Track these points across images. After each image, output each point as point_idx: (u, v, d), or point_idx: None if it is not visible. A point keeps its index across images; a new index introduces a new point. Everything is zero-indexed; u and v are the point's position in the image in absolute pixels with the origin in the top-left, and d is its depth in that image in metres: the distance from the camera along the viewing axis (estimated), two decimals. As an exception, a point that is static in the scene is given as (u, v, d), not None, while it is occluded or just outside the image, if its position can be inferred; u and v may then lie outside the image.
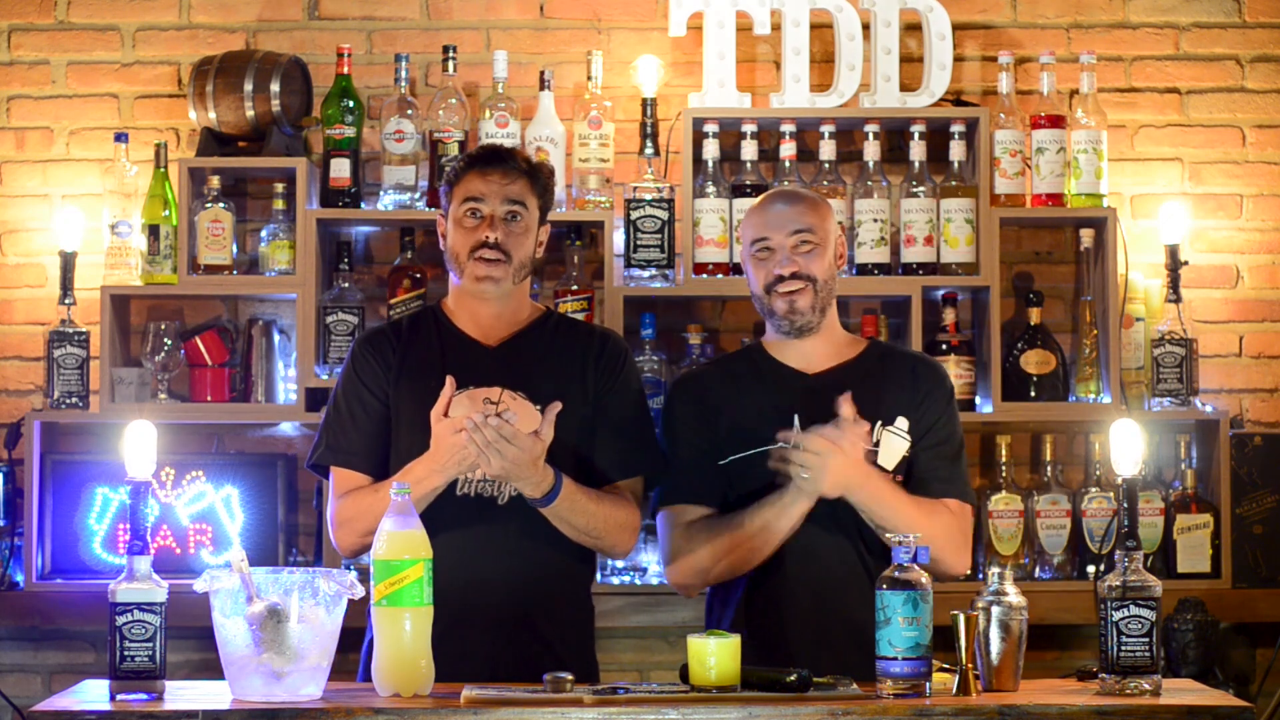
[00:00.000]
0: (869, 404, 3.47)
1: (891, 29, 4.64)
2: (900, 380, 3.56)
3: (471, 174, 3.50)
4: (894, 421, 3.49)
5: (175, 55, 4.79)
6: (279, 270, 4.59)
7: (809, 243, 3.51)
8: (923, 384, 3.56)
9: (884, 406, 3.50)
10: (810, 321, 3.52)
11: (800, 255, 3.50)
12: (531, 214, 3.50)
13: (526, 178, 3.51)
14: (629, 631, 4.61)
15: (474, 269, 3.47)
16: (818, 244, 3.51)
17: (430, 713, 2.94)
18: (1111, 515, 4.57)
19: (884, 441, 3.47)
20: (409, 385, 3.49)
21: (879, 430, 3.47)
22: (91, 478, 4.54)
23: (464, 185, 3.49)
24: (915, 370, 3.60)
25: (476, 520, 3.44)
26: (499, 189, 3.48)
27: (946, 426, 3.55)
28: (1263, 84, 4.86)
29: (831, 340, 3.59)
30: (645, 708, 2.94)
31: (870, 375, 3.56)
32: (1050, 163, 4.62)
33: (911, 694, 3.00)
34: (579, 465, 3.52)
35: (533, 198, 3.51)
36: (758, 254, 3.53)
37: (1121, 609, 3.06)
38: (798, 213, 3.53)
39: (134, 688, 3.00)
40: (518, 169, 3.51)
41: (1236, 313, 4.84)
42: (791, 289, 3.49)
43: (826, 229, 3.54)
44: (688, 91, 4.68)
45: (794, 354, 3.57)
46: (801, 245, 3.50)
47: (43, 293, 4.73)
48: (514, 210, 3.48)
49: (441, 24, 4.81)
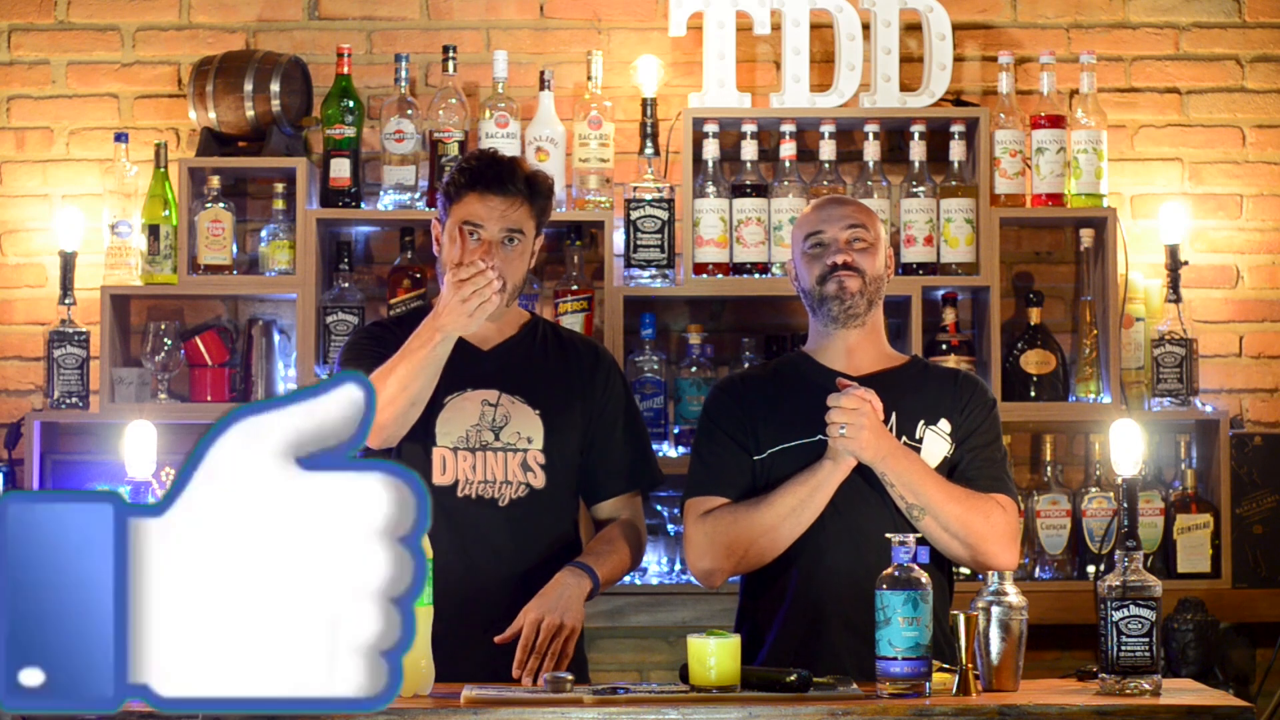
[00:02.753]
0: (913, 406, 3.48)
1: (891, 29, 4.64)
2: (943, 388, 3.56)
3: (472, 195, 3.44)
4: (937, 422, 3.49)
5: (175, 55, 4.79)
6: (279, 270, 4.59)
7: (862, 240, 3.51)
8: (965, 392, 3.55)
9: (928, 409, 3.50)
10: (858, 308, 3.49)
11: (854, 250, 3.50)
12: (528, 238, 3.49)
13: (527, 203, 3.47)
14: (629, 631, 4.61)
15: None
16: (871, 243, 3.52)
17: (430, 713, 2.94)
18: (1111, 515, 4.57)
19: (926, 440, 3.46)
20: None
21: (922, 428, 3.47)
22: (91, 478, 4.54)
23: (464, 205, 3.45)
24: (958, 381, 3.60)
25: (477, 521, 3.45)
26: (499, 215, 3.44)
27: (990, 432, 3.54)
28: (1263, 84, 4.86)
29: (876, 345, 3.56)
30: (645, 708, 2.94)
31: (914, 380, 3.55)
32: (1050, 163, 4.62)
33: (911, 694, 3.00)
34: (579, 479, 3.55)
35: (530, 221, 3.48)
36: (810, 249, 3.51)
37: (1121, 609, 3.06)
38: (851, 211, 3.56)
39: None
40: (518, 193, 3.45)
41: (1236, 313, 4.84)
42: (843, 275, 3.48)
43: (878, 232, 3.56)
44: (688, 91, 4.68)
45: (839, 357, 3.55)
46: (855, 241, 3.50)
47: (43, 293, 4.73)
48: (512, 235, 3.47)
49: (441, 24, 4.81)
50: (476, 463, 3.46)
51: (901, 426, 3.47)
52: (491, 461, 3.47)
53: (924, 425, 3.47)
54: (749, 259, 4.59)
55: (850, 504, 3.42)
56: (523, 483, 3.47)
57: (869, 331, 3.54)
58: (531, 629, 3.24)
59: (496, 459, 3.47)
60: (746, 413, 3.52)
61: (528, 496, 3.47)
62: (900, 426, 3.47)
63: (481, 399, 3.48)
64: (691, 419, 4.54)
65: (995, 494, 3.45)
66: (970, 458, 3.49)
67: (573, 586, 3.33)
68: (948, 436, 3.49)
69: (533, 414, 3.49)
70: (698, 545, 3.44)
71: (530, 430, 3.48)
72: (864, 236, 3.51)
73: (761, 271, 4.60)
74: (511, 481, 3.47)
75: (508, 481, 3.46)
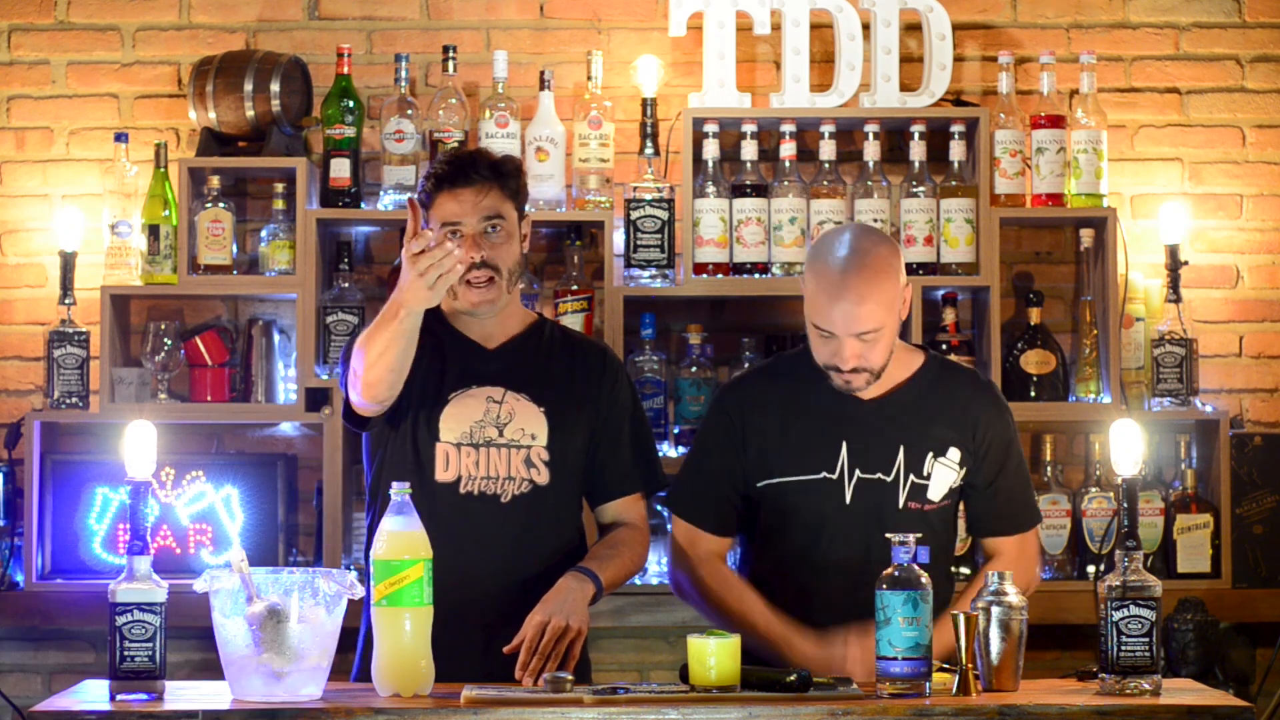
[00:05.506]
0: (920, 437, 3.48)
1: (891, 29, 4.64)
2: (954, 411, 3.52)
3: (443, 195, 3.44)
4: (946, 453, 3.49)
5: (175, 55, 4.79)
6: (279, 270, 4.59)
7: (873, 335, 3.40)
8: (979, 414, 3.52)
9: (936, 439, 3.49)
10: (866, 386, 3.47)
11: (863, 344, 3.40)
12: (510, 220, 3.47)
13: (497, 186, 3.46)
14: (629, 631, 4.61)
15: (467, 295, 3.45)
16: (880, 337, 3.41)
17: (430, 713, 2.94)
18: (1111, 515, 4.57)
19: (935, 473, 3.48)
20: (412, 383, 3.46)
21: (930, 462, 3.48)
22: (91, 478, 4.54)
23: (439, 208, 3.44)
24: (971, 402, 3.54)
25: (479, 518, 3.44)
26: (473, 205, 3.43)
27: (1014, 458, 3.54)
28: (1263, 84, 4.86)
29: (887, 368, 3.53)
30: (645, 708, 2.94)
31: (925, 398, 3.52)
32: (1050, 163, 4.62)
33: (911, 694, 3.00)
34: (584, 480, 3.55)
35: (507, 203, 3.47)
36: (819, 331, 3.43)
37: (1121, 609, 3.06)
38: (863, 316, 3.38)
39: (134, 688, 3.00)
40: (486, 179, 3.45)
41: (1236, 313, 4.84)
42: (850, 377, 3.43)
43: (891, 321, 3.42)
44: (688, 91, 4.68)
45: None
46: (865, 335, 3.40)
47: (43, 293, 4.73)
48: (493, 222, 3.46)
49: (441, 24, 4.81)
50: (480, 459, 3.46)
51: (910, 463, 3.48)
52: (495, 458, 3.46)
53: (932, 458, 3.49)
54: (749, 259, 4.59)
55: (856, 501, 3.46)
56: (526, 479, 3.47)
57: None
58: (536, 630, 3.24)
59: (500, 455, 3.47)
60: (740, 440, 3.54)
61: (531, 493, 3.47)
62: (909, 463, 3.48)
63: (486, 395, 3.48)
64: (692, 419, 4.54)
65: (1023, 534, 3.56)
66: (1003, 498, 3.53)
67: (576, 591, 3.33)
68: (956, 465, 3.50)
69: (537, 411, 3.48)
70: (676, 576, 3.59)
71: (535, 427, 3.48)
72: (873, 336, 3.40)
73: (761, 271, 4.60)
74: (515, 478, 3.47)
75: (510, 478, 3.46)
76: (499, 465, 3.46)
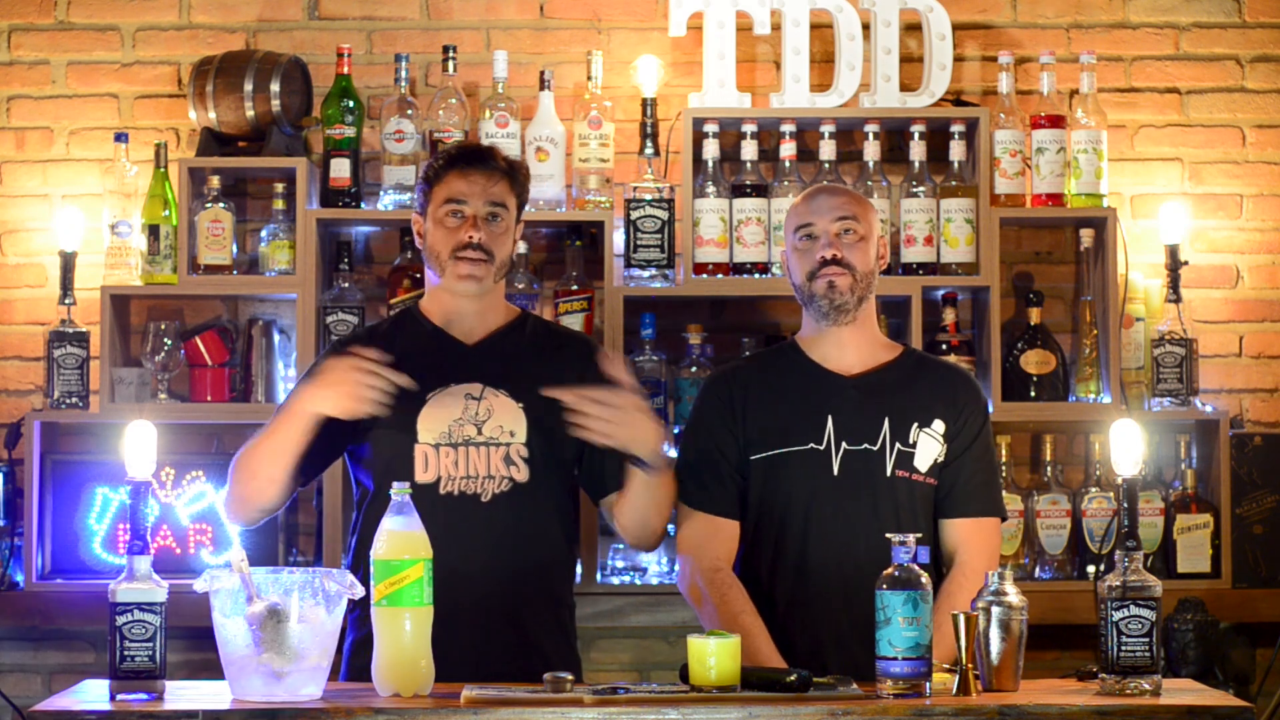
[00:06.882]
0: (906, 408, 3.52)
1: (891, 29, 4.64)
2: (937, 385, 3.58)
3: (453, 174, 3.49)
4: (931, 424, 3.52)
5: (175, 55, 4.79)
6: (279, 270, 4.59)
7: (853, 231, 3.52)
8: (961, 393, 3.58)
9: (921, 409, 3.53)
10: (848, 303, 3.51)
11: (843, 244, 3.51)
12: (510, 214, 3.52)
13: (507, 178, 3.52)
14: (629, 631, 4.61)
15: (456, 269, 3.47)
16: (862, 235, 3.52)
17: (430, 713, 2.94)
18: (1111, 515, 4.57)
19: (920, 442, 3.51)
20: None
21: (915, 431, 3.51)
22: (91, 478, 4.54)
23: (445, 185, 3.49)
24: (954, 379, 3.62)
25: (461, 517, 3.43)
26: (481, 189, 3.48)
27: (985, 440, 3.58)
28: (1263, 84, 4.86)
29: (868, 338, 3.59)
30: (645, 708, 2.94)
31: (908, 378, 3.58)
32: (1050, 163, 4.62)
33: (911, 694, 3.00)
34: (584, 476, 3.54)
35: (512, 198, 3.53)
36: (800, 243, 3.54)
37: (1121, 609, 3.06)
38: (842, 202, 3.54)
39: (134, 688, 3.00)
40: (498, 169, 3.52)
41: (1236, 313, 4.84)
42: (832, 273, 3.49)
43: (870, 222, 3.55)
44: (688, 91, 4.68)
45: (831, 352, 3.57)
46: (845, 234, 3.51)
47: (43, 293, 4.73)
48: (495, 211, 3.49)
49: (441, 24, 4.81)
50: (459, 459, 3.46)
51: (895, 432, 3.50)
52: (474, 457, 3.46)
53: (917, 428, 3.52)
54: (749, 259, 4.59)
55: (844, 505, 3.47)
56: (505, 477, 3.46)
57: (861, 324, 3.57)
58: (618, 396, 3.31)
59: (479, 454, 3.46)
60: (734, 420, 3.56)
61: (511, 491, 3.46)
62: (894, 432, 3.50)
63: (464, 393, 3.48)
64: (692, 419, 4.54)
65: (987, 517, 3.54)
66: (968, 474, 3.53)
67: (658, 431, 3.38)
68: (940, 437, 3.53)
69: (515, 407, 3.48)
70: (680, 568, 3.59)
71: (513, 424, 3.47)
72: (855, 228, 3.52)
73: (761, 271, 4.60)
74: (494, 476, 3.46)
75: (490, 476, 3.45)
76: (478, 464, 3.46)
